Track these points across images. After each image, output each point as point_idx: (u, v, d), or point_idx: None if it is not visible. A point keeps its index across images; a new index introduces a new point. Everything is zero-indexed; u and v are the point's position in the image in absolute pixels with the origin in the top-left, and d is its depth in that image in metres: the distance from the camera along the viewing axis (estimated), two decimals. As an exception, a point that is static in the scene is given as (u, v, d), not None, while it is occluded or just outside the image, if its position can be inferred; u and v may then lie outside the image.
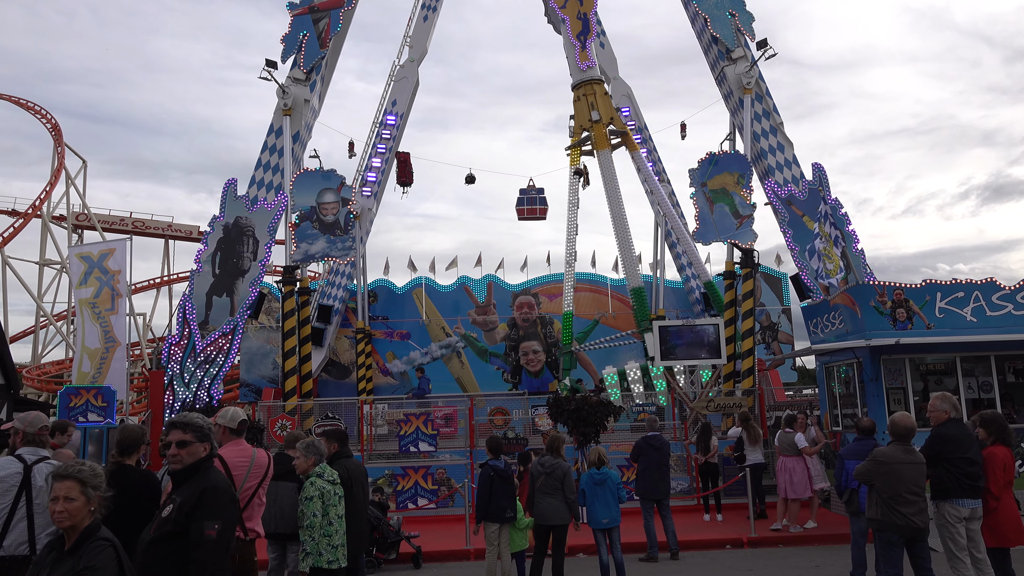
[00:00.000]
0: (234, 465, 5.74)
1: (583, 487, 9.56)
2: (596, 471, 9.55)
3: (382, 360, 28.51)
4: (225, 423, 5.98)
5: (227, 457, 5.75)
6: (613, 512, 9.40)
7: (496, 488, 9.13)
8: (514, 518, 9.16)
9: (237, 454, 5.84)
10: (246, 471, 5.77)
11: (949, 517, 7.16)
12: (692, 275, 27.50)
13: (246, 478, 5.74)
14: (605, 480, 9.44)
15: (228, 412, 6.06)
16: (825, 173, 18.51)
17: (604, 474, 9.50)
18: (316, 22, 22.75)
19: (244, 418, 6.06)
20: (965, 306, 13.12)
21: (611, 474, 9.55)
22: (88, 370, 17.67)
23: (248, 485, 5.74)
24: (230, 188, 19.95)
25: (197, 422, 4.71)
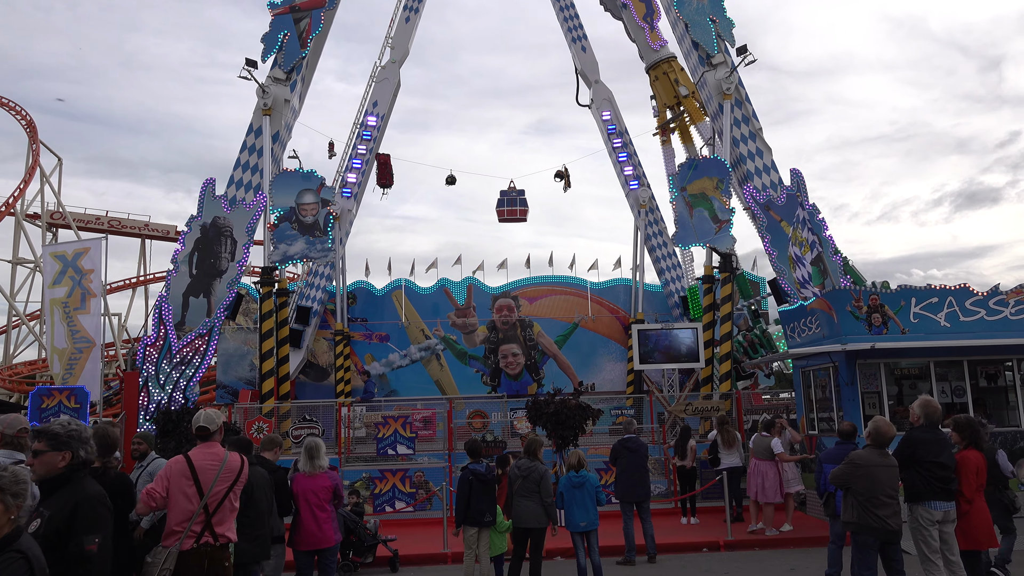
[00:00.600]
0: (200, 468, 5.66)
1: (561, 490, 9.55)
2: (575, 474, 9.55)
3: (361, 362, 28.37)
4: (196, 425, 5.91)
5: (194, 459, 5.69)
6: (591, 515, 9.40)
7: (475, 492, 9.10)
8: (493, 522, 9.14)
9: (206, 456, 5.76)
10: (215, 474, 5.67)
11: (922, 520, 7.25)
12: (671, 279, 27.65)
13: (215, 481, 5.65)
14: (583, 483, 9.44)
15: (200, 415, 5.99)
16: (803, 179, 18.72)
17: (583, 477, 9.51)
18: (297, 22, 22.63)
19: (203, 424, 5.93)
20: (939, 311, 13.29)
21: (589, 477, 9.56)
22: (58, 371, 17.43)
23: (218, 489, 5.65)
24: (208, 188, 19.77)
25: (54, 430, 4.47)
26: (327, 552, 8.09)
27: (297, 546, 7.97)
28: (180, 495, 5.54)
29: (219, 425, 6.00)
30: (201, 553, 5.51)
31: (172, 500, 5.54)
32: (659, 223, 27.41)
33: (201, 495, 5.56)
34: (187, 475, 5.59)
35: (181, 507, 5.53)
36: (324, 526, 8.00)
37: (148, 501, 5.54)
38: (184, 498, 5.54)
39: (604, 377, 28.55)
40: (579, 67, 28.07)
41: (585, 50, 27.96)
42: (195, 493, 5.56)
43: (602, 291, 29.43)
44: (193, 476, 5.58)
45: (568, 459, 9.85)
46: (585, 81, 28.14)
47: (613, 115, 27.26)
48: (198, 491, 5.56)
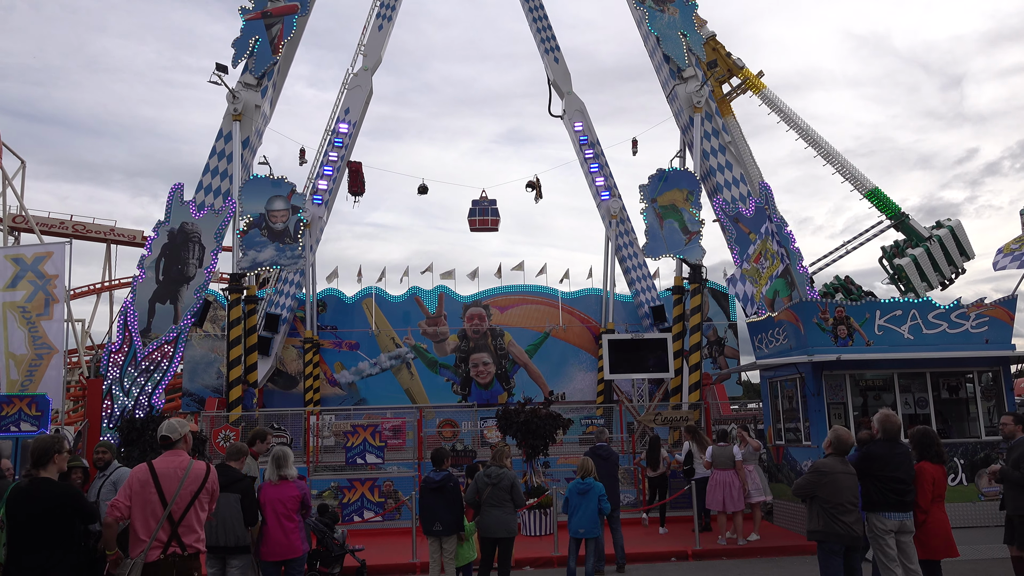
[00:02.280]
0: (163, 475, 5.57)
1: (568, 495, 9.65)
2: (581, 481, 9.63)
3: (330, 370, 28.16)
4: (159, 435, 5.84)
5: (157, 467, 5.61)
6: (593, 523, 9.46)
7: (426, 500, 9.07)
8: (444, 531, 9.03)
9: (170, 464, 5.68)
10: (178, 482, 5.59)
11: (876, 529, 7.42)
12: (641, 289, 27.85)
13: (179, 489, 5.56)
14: (588, 490, 9.51)
15: (163, 424, 5.93)
16: (771, 192, 18.97)
17: (588, 484, 9.58)
18: (269, 27, 22.49)
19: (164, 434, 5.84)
20: (903, 324, 13.54)
21: (596, 485, 9.62)
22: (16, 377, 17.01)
23: (182, 496, 5.57)
24: (176, 192, 19.50)
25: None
26: (294, 563, 7.99)
27: (264, 556, 7.86)
28: (143, 504, 5.45)
29: (183, 434, 5.92)
30: (169, 563, 5.42)
31: (136, 509, 5.44)
32: (629, 234, 27.61)
33: (164, 503, 5.47)
34: (149, 483, 5.49)
35: (145, 516, 5.43)
36: (291, 536, 7.90)
37: (113, 512, 5.45)
38: (148, 507, 5.44)
39: (574, 387, 28.63)
40: (552, 78, 28.25)
41: (558, 61, 28.16)
42: (159, 501, 5.47)
43: (573, 301, 29.56)
44: (156, 484, 5.49)
45: (578, 466, 9.90)
46: (558, 92, 28.33)
47: (585, 126, 27.45)
48: (161, 499, 5.47)
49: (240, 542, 7.69)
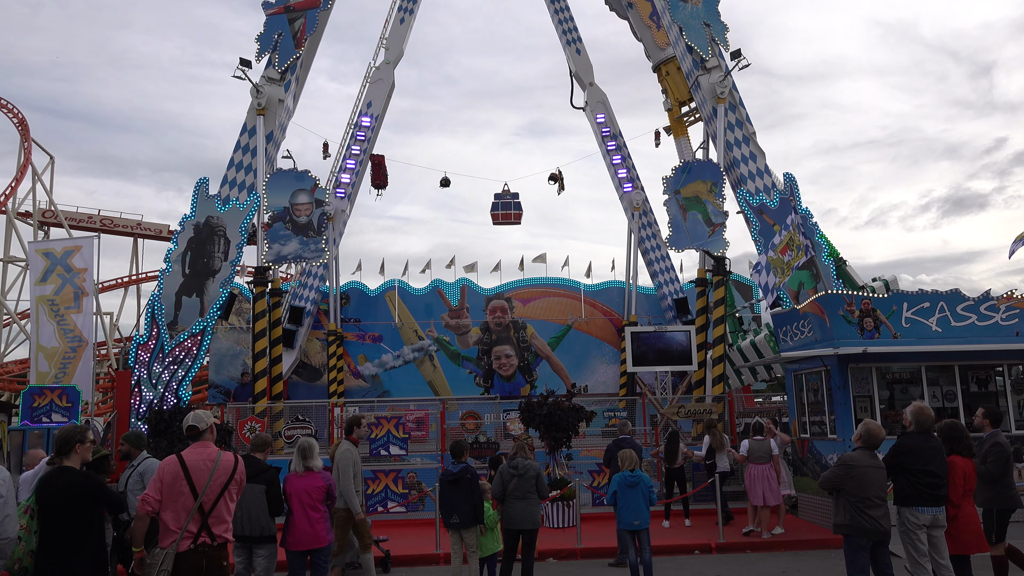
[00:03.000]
0: (193, 467, 5.67)
1: (615, 488, 9.63)
2: (629, 473, 9.61)
3: (354, 363, 28.33)
4: (185, 425, 5.93)
5: (186, 459, 5.70)
6: (643, 514, 9.44)
7: (444, 493, 9.11)
8: (461, 524, 9.06)
9: (199, 456, 5.77)
10: (208, 473, 5.68)
11: (908, 523, 7.32)
12: (664, 282, 27.69)
13: (209, 481, 5.65)
14: (638, 482, 9.49)
15: (189, 415, 6.01)
16: (796, 183, 18.80)
17: (637, 477, 9.55)
18: (291, 22, 22.60)
19: (191, 424, 5.94)
20: (931, 316, 13.36)
21: (643, 477, 9.59)
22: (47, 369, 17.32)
23: (212, 488, 5.65)
24: (201, 187, 19.72)
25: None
26: (320, 552, 8.09)
27: (290, 546, 7.96)
28: (175, 496, 5.53)
29: (209, 424, 6.02)
30: (199, 553, 5.51)
31: (167, 501, 5.53)
32: (652, 226, 27.45)
33: (195, 495, 5.55)
34: (180, 476, 5.58)
35: (176, 508, 5.52)
36: (317, 526, 8.00)
37: (144, 507, 5.53)
38: (179, 499, 5.53)
39: (597, 379, 28.57)
40: (573, 69, 28.12)
41: (580, 52, 28.01)
42: (189, 493, 5.55)
43: (595, 293, 29.46)
44: (186, 476, 5.58)
45: (621, 458, 9.89)
46: (579, 83, 28.19)
47: (607, 118, 27.31)
48: (192, 491, 5.56)
49: (265, 532, 7.80)
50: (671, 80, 25.51)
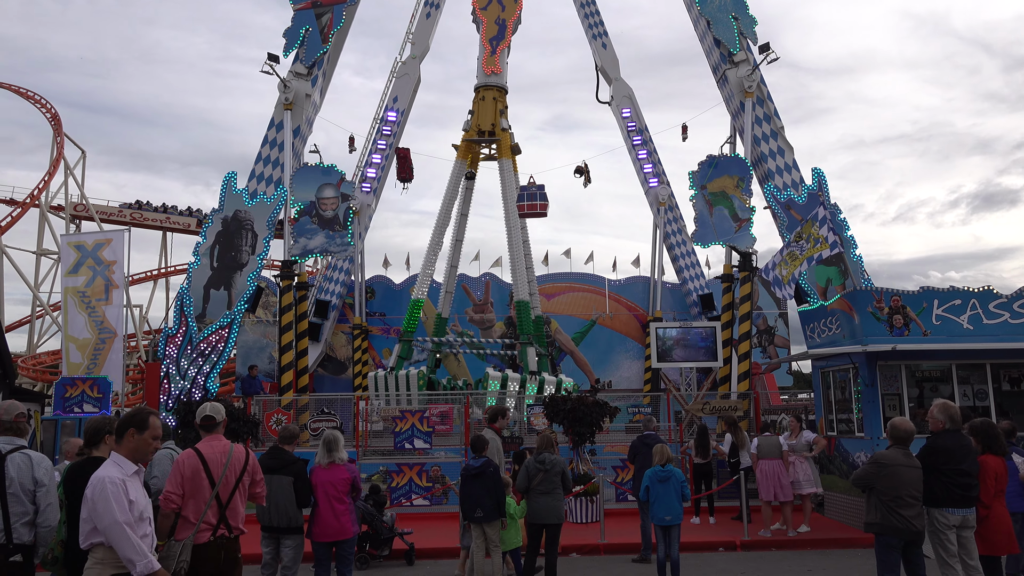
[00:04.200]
0: (210, 460, 5.73)
1: (647, 483, 9.61)
2: (661, 468, 9.58)
3: (378, 356, 28.51)
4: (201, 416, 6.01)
5: (203, 451, 5.76)
6: (675, 510, 9.42)
7: (465, 487, 9.13)
8: (484, 518, 9.06)
9: (214, 449, 5.84)
10: (223, 466, 5.75)
11: (938, 524, 7.19)
12: (690, 277, 27.54)
13: (223, 473, 5.72)
14: (669, 478, 9.47)
15: (206, 405, 6.10)
16: (825, 178, 18.58)
17: (668, 472, 9.52)
18: (318, 17, 22.75)
19: (209, 414, 6.03)
20: (962, 314, 13.14)
21: (675, 472, 9.56)
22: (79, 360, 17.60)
23: (227, 479, 5.72)
24: (229, 181, 19.92)
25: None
26: (345, 544, 8.15)
27: (316, 537, 8.04)
28: (195, 490, 5.60)
29: (224, 417, 6.12)
30: (218, 545, 5.60)
31: (188, 494, 5.59)
32: (678, 221, 27.30)
33: (213, 487, 5.63)
34: (200, 469, 5.65)
35: (197, 501, 5.59)
36: (342, 518, 8.06)
37: (168, 504, 5.60)
38: (199, 492, 5.60)
39: (621, 375, 28.52)
40: (599, 64, 28.00)
41: (606, 47, 27.89)
42: (208, 486, 5.63)
43: (620, 288, 29.39)
44: (205, 469, 5.65)
45: (654, 453, 9.87)
46: (605, 78, 28.08)
47: (633, 112, 27.18)
48: (211, 483, 5.63)
49: (292, 523, 7.88)
50: (482, 105, 25.88)
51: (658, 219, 26.66)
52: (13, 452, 5.59)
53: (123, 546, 4.55)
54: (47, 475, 5.60)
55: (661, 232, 26.78)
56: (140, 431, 4.86)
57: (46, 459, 5.77)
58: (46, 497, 5.52)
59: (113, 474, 4.70)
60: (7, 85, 46.79)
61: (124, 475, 4.73)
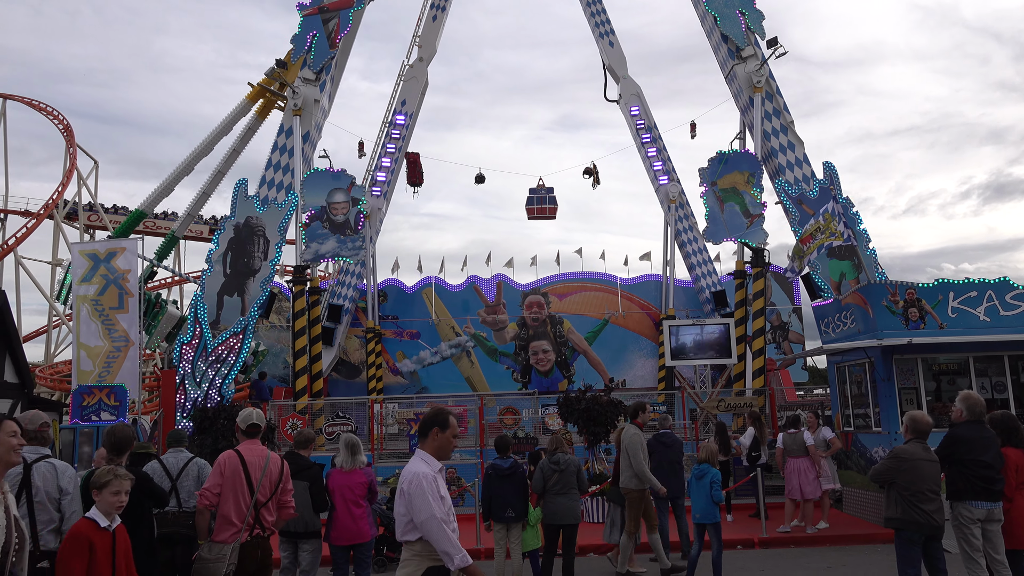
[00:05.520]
0: (250, 463, 5.99)
1: (690, 480, 9.68)
2: (698, 466, 9.59)
3: (392, 359, 28.57)
4: (247, 423, 6.20)
5: (244, 455, 6.01)
6: (703, 508, 9.40)
7: (494, 487, 9.13)
8: (515, 518, 9.08)
9: (253, 452, 6.11)
10: (261, 469, 6.00)
11: (962, 518, 7.10)
12: (702, 274, 27.45)
13: (262, 476, 5.97)
14: (703, 476, 9.46)
15: (251, 413, 6.29)
16: (836, 172, 18.47)
17: (703, 470, 9.52)
18: (326, 22, 22.82)
19: (255, 422, 6.22)
20: (978, 305, 13.03)
21: (709, 471, 9.51)
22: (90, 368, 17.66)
23: (265, 482, 5.98)
24: (240, 188, 20.00)
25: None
26: (363, 547, 8.18)
27: (334, 541, 8.06)
28: (236, 490, 5.78)
29: (265, 424, 6.41)
30: (255, 544, 5.87)
31: (227, 495, 5.76)
32: (689, 218, 27.22)
33: (252, 489, 5.80)
34: (239, 470, 5.84)
35: (237, 501, 5.77)
36: (360, 522, 8.08)
37: (203, 500, 5.75)
38: (239, 493, 5.78)
39: (635, 373, 28.45)
40: (607, 62, 27.96)
41: (612, 45, 27.84)
42: (247, 488, 5.80)
43: (632, 287, 29.32)
44: (245, 471, 5.83)
45: (699, 450, 9.85)
46: (613, 76, 28.03)
47: (642, 110, 27.12)
48: (249, 485, 5.80)
49: (310, 527, 7.90)
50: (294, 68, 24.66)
51: (669, 217, 26.59)
52: (38, 461, 5.68)
53: (440, 539, 4.61)
54: (71, 483, 5.70)
55: (672, 230, 26.70)
56: (443, 430, 4.92)
57: (70, 467, 5.88)
58: (71, 505, 5.62)
59: (425, 470, 4.78)
60: (20, 98, 47.17)
61: (433, 471, 4.80)
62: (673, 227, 26.66)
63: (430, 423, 4.94)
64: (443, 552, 4.61)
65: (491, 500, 9.14)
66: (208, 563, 5.65)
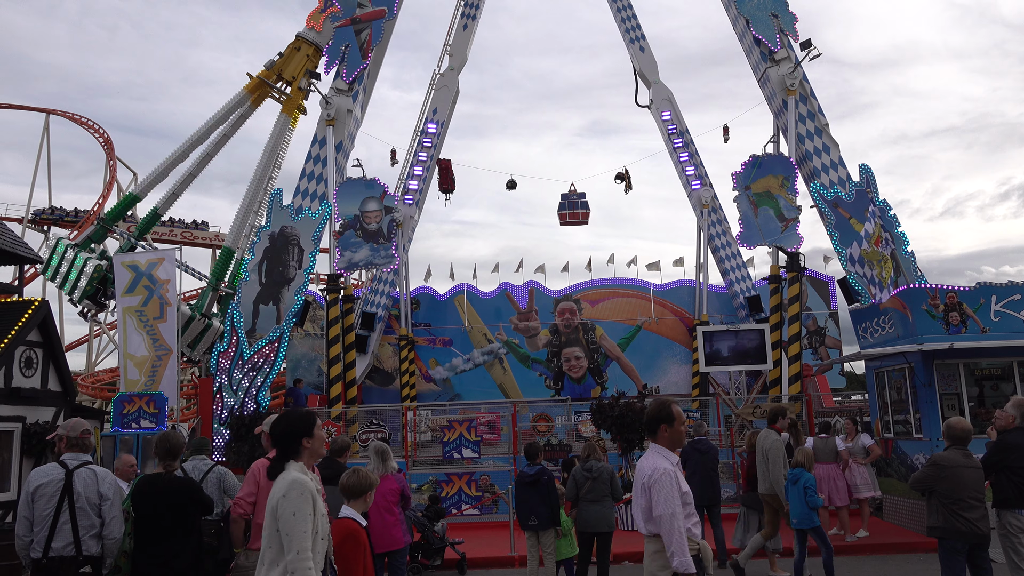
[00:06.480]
0: None
1: (786, 485, 9.65)
2: (792, 470, 9.53)
3: (425, 367, 28.68)
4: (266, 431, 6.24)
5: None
6: (798, 513, 9.33)
7: (521, 495, 9.10)
8: (539, 526, 9.03)
9: None
10: None
11: (1011, 527, 6.94)
12: (736, 279, 27.17)
13: None
14: (796, 480, 9.39)
15: (267, 421, 6.32)
16: (873, 174, 18.20)
17: (795, 474, 9.44)
18: (358, 33, 23.08)
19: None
20: (1022, 309, 12.73)
21: (803, 475, 9.41)
22: (136, 377, 18.03)
23: None
24: (275, 198, 20.29)
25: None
26: (397, 554, 8.19)
27: (368, 548, 8.09)
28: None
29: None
30: None
31: (260, 502, 5.77)
32: (722, 223, 26.97)
33: None
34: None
35: None
36: (393, 529, 8.10)
37: (237, 509, 5.78)
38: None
39: (668, 380, 28.21)
40: (638, 67, 27.86)
41: (643, 50, 27.74)
42: None
43: (665, 293, 29.11)
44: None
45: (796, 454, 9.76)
46: (644, 81, 27.91)
47: (673, 115, 26.97)
48: None
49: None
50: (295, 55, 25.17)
51: (702, 222, 26.38)
52: (79, 468, 5.80)
53: (671, 537, 4.65)
54: (111, 489, 5.80)
55: (705, 235, 26.48)
56: (670, 424, 4.97)
57: (110, 474, 5.98)
58: (111, 510, 5.72)
59: (665, 465, 4.82)
60: (62, 112, 48.38)
61: (672, 466, 4.85)
62: (706, 232, 26.43)
63: (656, 419, 4.96)
64: (669, 551, 4.64)
65: (519, 507, 9.13)
66: (247, 571, 5.70)
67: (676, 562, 4.58)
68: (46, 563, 5.55)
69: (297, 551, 3.88)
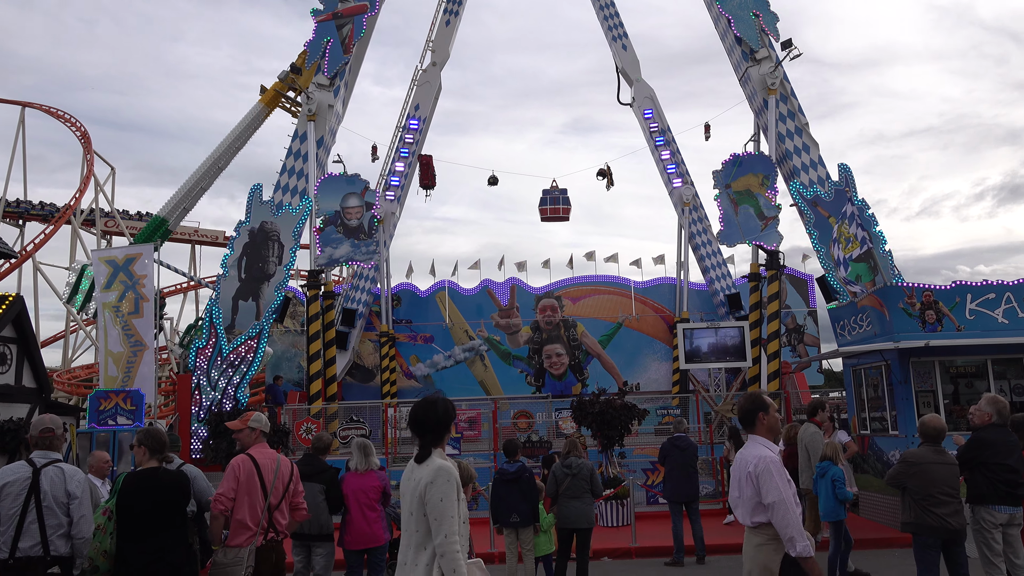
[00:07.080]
0: (263, 467, 6.03)
1: (815, 478, 9.57)
2: (820, 464, 9.50)
3: (406, 363, 28.61)
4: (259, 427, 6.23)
5: (257, 458, 6.05)
6: (827, 505, 9.28)
7: (500, 492, 9.09)
8: (521, 523, 9.03)
9: (265, 456, 6.15)
10: (274, 472, 6.04)
11: (984, 523, 7.03)
12: (716, 277, 27.34)
13: (275, 480, 6.01)
14: (824, 474, 9.36)
15: (258, 417, 6.31)
16: (852, 174, 18.35)
17: (824, 468, 9.39)
18: (340, 28, 22.93)
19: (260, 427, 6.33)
20: (996, 307, 12.90)
21: (831, 469, 9.37)
22: (115, 374, 17.87)
23: (276, 486, 6.02)
24: (255, 193, 20.12)
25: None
26: (376, 551, 8.18)
27: (347, 545, 8.07)
28: (251, 494, 5.81)
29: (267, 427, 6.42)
30: (269, 548, 5.90)
31: (242, 498, 5.78)
32: (703, 221, 27.12)
33: (266, 492, 5.83)
34: (254, 475, 5.87)
35: (253, 505, 5.80)
36: (374, 525, 8.09)
37: (217, 506, 5.75)
38: (254, 497, 5.82)
39: (649, 377, 28.35)
40: (620, 65, 27.93)
41: (626, 48, 27.81)
42: (261, 491, 5.84)
43: (646, 290, 29.23)
44: (259, 475, 5.86)
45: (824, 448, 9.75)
46: (626, 79, 28.00)
47: (655, 113, 27.06)
48: (263, 489, 5.83)
49: (324, 530, 7.92)
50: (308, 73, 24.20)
51: (683, 219, 26.51)
52: (47, 466, 5.70)
53: (787, 523, 4.63)
54: (80, 487, 5.70)
55: (686, 233, 26.61)
56: (766, 412, 4.97)
57: (79, 472, 5.88)
58: (79, 509, 5.63)
59: (769, 453, 4.81)
60: (39, 106, 47.64)
61: (775, 453, 4.85)
62: (687, 230, 26.57)
63: (752, 410, 4.97)
64: (787, 537, 4.63)
65: (498, 505, 9.11)
66: (225, 567, 5.66)
67: (799, 547, 4.57)
68: (13, 563, 5.46)
69: (446, 534, 4.15)
